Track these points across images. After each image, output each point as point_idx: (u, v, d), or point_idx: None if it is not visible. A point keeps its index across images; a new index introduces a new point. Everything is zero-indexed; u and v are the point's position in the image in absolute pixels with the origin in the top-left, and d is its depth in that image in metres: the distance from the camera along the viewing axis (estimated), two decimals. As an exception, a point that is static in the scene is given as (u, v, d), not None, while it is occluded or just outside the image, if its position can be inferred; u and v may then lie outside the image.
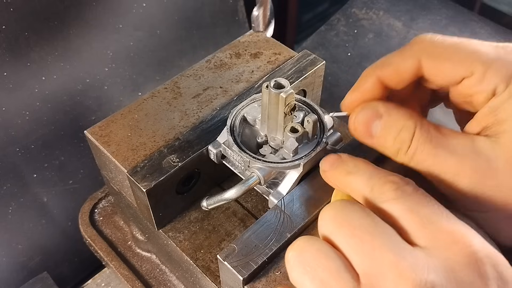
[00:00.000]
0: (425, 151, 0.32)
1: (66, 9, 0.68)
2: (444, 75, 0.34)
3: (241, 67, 0.53)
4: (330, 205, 0.31)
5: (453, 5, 0.92)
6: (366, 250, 0.28)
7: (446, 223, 0.29)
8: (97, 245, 0.60)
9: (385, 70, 0.35)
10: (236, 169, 0.45)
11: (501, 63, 0.32)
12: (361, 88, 0.36)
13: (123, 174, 0.45)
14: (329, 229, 0.30)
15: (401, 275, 0.26)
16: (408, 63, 0.34)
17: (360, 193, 0.33)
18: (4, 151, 0.68)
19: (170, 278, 0.57)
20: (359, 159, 0.35)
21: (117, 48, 0.76)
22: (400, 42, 0.87)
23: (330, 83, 0.86)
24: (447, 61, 0.33)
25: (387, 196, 0.30)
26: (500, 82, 0.32)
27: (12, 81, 0.66)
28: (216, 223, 0.48)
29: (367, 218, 0.29)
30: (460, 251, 0.27)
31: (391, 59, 0.35)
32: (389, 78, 0.35)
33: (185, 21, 0.83)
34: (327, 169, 0.36)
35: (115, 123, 0.48)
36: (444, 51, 0.33)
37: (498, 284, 0.27)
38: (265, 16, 0.58)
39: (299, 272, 0.30)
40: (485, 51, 0.33)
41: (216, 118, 0.48)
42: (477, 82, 0.32)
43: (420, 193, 0.30)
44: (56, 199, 0.75)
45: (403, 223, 0.29)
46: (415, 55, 0.34)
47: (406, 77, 0.35)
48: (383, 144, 0.35)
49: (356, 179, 0.33)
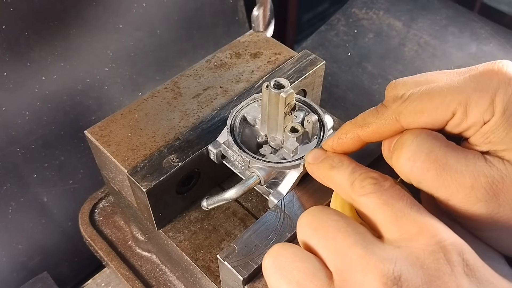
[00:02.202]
0: (432, 157, 0.32)
1: (66, 9, 0.68)
2: (425, 125, 0.34)
3: (241, 67, 0.53)
4: (307, 211, 0.32)
5: (453, 5, 0.92)
6: (339, 248, 0.29)
7: (416, 215, 0.30)
8: (97, 245, 0.60)
9: (364, 130, 0.36)
10: (236, 169, 0.45)
11: (477, 94, 0.32)
12: (341, 141, 0.38)
13: (123, 174, 0.45)
14: (306, 234, 0.31)
15: (368, 266, 0.27)
16: (386, 123, 0.35)
17: (342, 187, 0.34)
18: (4, 151, 0.68)
19: (170, 278, 0.57)
20: (344, 155, 0.37)
21: (117, 48, 0.76)
22: (400, 42, 0.87)
23: (330, 83, 0.86)
24: (424, 114, 0.33)
25: (365, 190, 0.32)
26: (485, 112, 0.32)
27: (12, 81, 0.66)
28: (216, 223, 0.48)
29: (340, 221, 0.30)
30: (427, 240, 0.28)
31: (368, 119, 0.36)
32: (369, 137, 0.37)
33: (185, 21, 0.83)
34: (312, 161, 0.38)
35: (115, 123, 0.48)
36: (418, 105, 0.34)
37: (464, 271, 0.27)
38: (265, 16, 0.58)
39: (276, 278, 0.30)
40: (457, 86, 0.32)
41: (216, 118, 0.48)
42: (461, 120, 0.33)
43: (396, 188, 0.31)
44: (56, 199, 0.75)
45: (378, 216, 0.31)
46: (392, 116, 0.35)
47: (385, 135, 0.36)
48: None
49: (338, 173, 0.35)
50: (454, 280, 0.27)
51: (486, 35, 0.86)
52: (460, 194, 0.31)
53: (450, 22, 0.89)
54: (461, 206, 0.32)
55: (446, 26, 0.88)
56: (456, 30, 0.87)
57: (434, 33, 0.87)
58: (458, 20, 0.89)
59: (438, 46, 0.86)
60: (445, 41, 0.86)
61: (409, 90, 0.34)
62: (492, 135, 0.32)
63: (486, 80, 0.32)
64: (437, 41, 0.86)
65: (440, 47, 0.85)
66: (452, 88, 0.33)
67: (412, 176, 0.33)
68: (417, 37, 0.87)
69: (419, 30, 0.88)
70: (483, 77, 0.32)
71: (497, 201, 0.31)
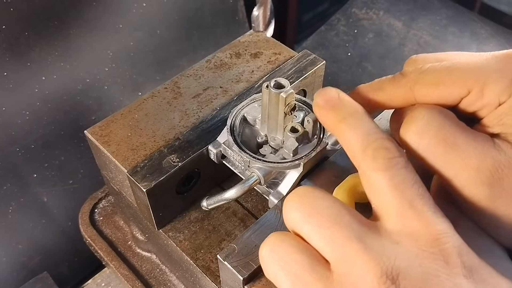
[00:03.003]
0: (441, 134, 0.31)
1: (66, 9, 0.68)
2: (439, 100, 0.33)
3: (241, 67, 0.53)
4: (294, 193, 0.31)
5: (453, 5, 0.92)
6: (335, 240, 0.28)
7: (422, 209, 0.28)
8: (97, 245, 0.60)
9: (377, 95, 0.36)
10: (236, 169, 0.45)
11: (496, 75, 0.32)
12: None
13: (123, 174, 0.45)
14: (296, 221, 0.30)
15: (368, 262, 0.27)
16: (401, 91, 0.34)
17: (351, 148, 0.31)
18: (4, 151, 0.68)
19: (170, 278, 0.57)
20: (359, 105, 0.33)
21: (117, 48, 0.76)
22: (400, 42, 0.87)
23: (330, 83, 0.85)
24: (440, 87, 0.33)
25: (378, 164, 0.29)
26: (502, 93, 0.31)
27: (12, 81, 0.66)
28: (216, 223, 0.48)
29: (333, 207, 0.29)
30: (427, 240, 0.28)
31: (384, 84, 0.36)
32: (379, 103, 0.36)
33: (185, 21, 0.83)
34: (321, 105, 0.33)
35: (115, 123, 0.48)
36: (436, 77, 0.33)
37: (463, 273, 0.27)
38: (265, 16, 0.58)
39: (273, 268, 0.30)
40: (477, 66, 0.32)
41: (216, 118, 0.48)
42: (476, 99, 0.32)
43: (410, 170, 0.29)
44: (56, 199, 0.75)
45: (384, 199, 0.29)
46: (407, 84, 0.34)
47: (397, 104, 0.35)
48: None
49: (350, 130, 0.31)
50: (451, 280, 0.27)
51: (486, 35, 0.86)
52: (465, 174, 0.31)
53: (450, 22, 0.89)
54: (464, 186, 0.31)
55: (446, 26, 0.88)
56: (456, 30, 0.87)
57: (434, 33, 0.88)
58: (458, 20, 0.89)
59: (438, 46, 0.86)
60: (445, 41, 0.86)
61: (429, 59, 0.34)
62: (507, 117, 0.32)
63: (508, 63, 0.32)
64: (437, 41, 0.86)
65: (440, 47, 0.85)
66: (472, 65, 0.32)
67: (418, 151, 0.32)
68: (417, 37, 0.87)
69: (419, 30, 0.88)
70: (506, 60, 0.32)
71: (501, 185, 0.31)
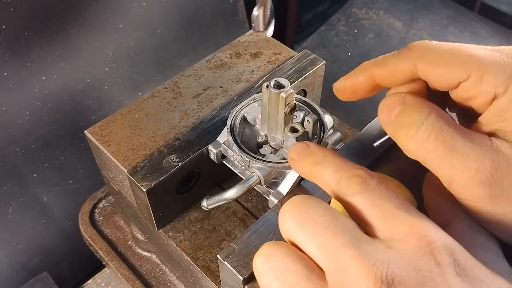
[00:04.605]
0: (440, 138, 0.32)
1: (66, 9, 0.68)
2: (439, 79, 0.34)
3: (241, 67, 0.53)
4: (289, 203, 0.32)
5: (453, 5, 0.92)
6: (329, 248, 0.28)
7: (405, 215, 0.29)
8: (97, 245, 0.60)
9: (380, 69, 0.36)
10: (236, 169, 0.45)
11: (498, 66, 0.32)
12: (354, 79, 0.38)
13: (123, 174, 0.45)
14: (291, 229, 0.31)
15: (363, 269, 0.27)
16: (403, 65, 0.35)
17: (328, 184, 0.33)
18: (4, 151, 0.68)
19: (170, 278, 0.57)
20: (327, 150, 0.35)
21: (117, 48, 0.76)
22: (400, 42, 0.87)
23: (330, 83, 0.85)
24: (442, 65, 0.34)
25: (352, 190, 0.31)
26: (500, 84, 0.32)
27: (12, 81, 0.66)
28: (216, 223, 0.48)
29: (327, 215, 0.30)
30: (417, 241, 0.28)
31: (387, 59, 0.36)
32: (383, 78, 0.36)
33: (185, 21, 0.83)
34: (295, 157, 0.37)
35: (115, 123, 0.48)
36: (440, 55, 0.34)
37: (456, 271, 0.27)
38: (265, 16, 0.58)
39: (268, 279, 0.30)
40: (481, 55, 0.33)
41: (216, 118, 0.48)
42: (474, 85, 0.33)
43: (383, 187, 0.31)
44: (56, 199, 0.75)
45: (368, 217, 0.30)
46: (411, 59, 0.35)
47: (399, 79, 0.36)
48: (397, 127, 0.35)
49: (323, 170, 0.34)
50: (446, 281, 0.27)
51: (486, 35, 0.86)
52: (465, 175, 0.31)
53: (450, 22, 0.89)
54: (464, 187, 0.32)
55: (446, 26, 0.88)
56: (456, 30, 0.87)
57: (434, 33, 0.88)
58: (458, 20, 0.89)
59: (438, 46, 0.85)
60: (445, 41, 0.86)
61: (434, 42, 0.35)
62: (508, 113, 0.32)
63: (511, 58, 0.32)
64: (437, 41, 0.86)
65: (440, 47, 0.85)
66: (477, 53, 0.33)
67: (418, 154, 0.33)
68: (417, 37, 0.87)
69: (419, 30, 0.88)
70: (510, 55, 0.32)
71: (501, 185, 0.31)
